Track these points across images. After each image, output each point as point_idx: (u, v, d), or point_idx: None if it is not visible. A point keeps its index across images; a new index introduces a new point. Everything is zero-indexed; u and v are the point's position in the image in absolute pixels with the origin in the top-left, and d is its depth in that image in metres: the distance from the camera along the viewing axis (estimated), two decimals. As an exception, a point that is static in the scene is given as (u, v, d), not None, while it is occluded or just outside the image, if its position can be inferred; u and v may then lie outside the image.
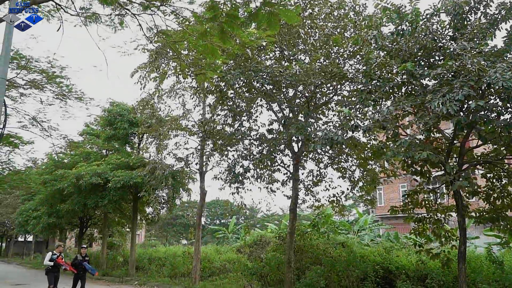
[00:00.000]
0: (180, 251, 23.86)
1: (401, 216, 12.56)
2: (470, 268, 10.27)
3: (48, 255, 13.02)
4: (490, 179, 10.44)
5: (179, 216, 61.23)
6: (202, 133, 15.64)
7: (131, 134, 24.99)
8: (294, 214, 14.73)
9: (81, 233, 31.52)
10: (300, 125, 12.11)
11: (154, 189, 19.98)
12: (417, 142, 9.03)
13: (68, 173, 22.25)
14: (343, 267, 12.36)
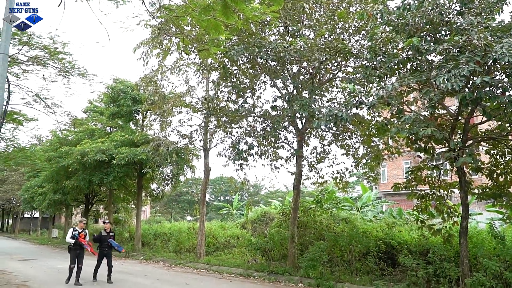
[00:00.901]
0: (185, 227, 24.14)
1: (404, 193, 12.63)
2: (472, 243, 10.37)
3: (70, 231, 12.01)
4: (493, 156, 10.44)
5: (183, 193, 61.73)
6: (205, 110, 15.63)
7: (135, 111, 24.98)
8: (297, 191, 14.85)
9: (87, 210, 31.95)
10: (304, 101, 12.06)
11: (158, 166, 20.12)
12: (421, 119, 9.00)
13: (72, 150, 22.40)
14: (346, 242, 12.49)
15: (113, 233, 12.88)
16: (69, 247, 11.93)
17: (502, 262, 9.25)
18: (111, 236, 12.58)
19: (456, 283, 9.65)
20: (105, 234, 12.50)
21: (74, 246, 11.72)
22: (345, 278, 11.82)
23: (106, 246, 12.37)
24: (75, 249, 11.78)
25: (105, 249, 12.41)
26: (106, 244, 12.34)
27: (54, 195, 28.87)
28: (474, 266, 9.75)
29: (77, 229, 11.97)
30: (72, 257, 11.79)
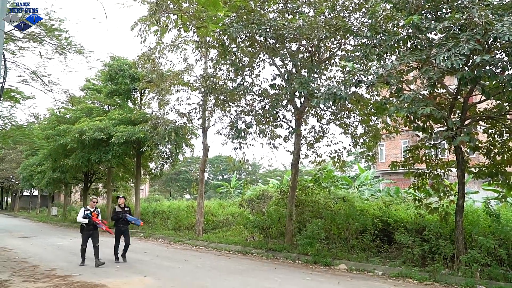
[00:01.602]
0: (183, 205, 24.31)
1: (402, 172, 12.73)
2: (467, 221, 10.50)
3: (81, 211, 11.35)
4: (491, 135, 10.49)
5: (182, 172, 61.96)
6: (204, 88, 15.55)
7: (133, 89, 24.85)
8: (296, 169, 14.92)
9: (86, 188, 32.10)
10: (303, 80, 12.00)
11: (156, 145, 20.14)
12: (420, 98, 8.99)
13: (70, 128, 22.37)
14: (343, 220, 12.64)
15: (128, 207, 12.26)
16: (81, 227, 11.33)
17: (497, 240, 9.39)
18: (127, 211, 12.01)
19: (451, 260, 9.81)
20: (119, 210, 11.90)
21: (87, 226, 11.15)
22: (341, 255, 12.00)
23: (123, 222, 11.81)
24: (88, 230, 11.21)
25: (122, 226, 11.84)
26: (122, 220, 11.78)
27: (53, 173, 28.96)
28: (469, 243, 9.89)
29: (88, 208, 11.40)
30: (84, 238, 11.22)
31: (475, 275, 8.94)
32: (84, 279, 9.27)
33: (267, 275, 10.10)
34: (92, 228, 11.22)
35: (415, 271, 9.75)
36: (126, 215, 11.83)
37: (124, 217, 11.80)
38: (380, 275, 10.14)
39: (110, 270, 10.57)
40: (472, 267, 9.06)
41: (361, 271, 10.64)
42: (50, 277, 9.54)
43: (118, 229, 11.82)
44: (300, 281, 9.24)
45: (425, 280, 9.22)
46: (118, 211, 11.84)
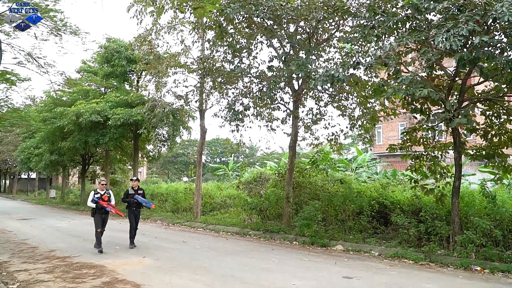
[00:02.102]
0: (181, 188, 24.40)
1: (399, 154, 12.75)
2: (463, 202, 10.58)
3: (91, 195, 10.87)
4: (489, 117, 10.49)
5: (180, 154, 62.06)
6: (201, 70, 15.44)
7: (129, 71, 24.69)
8: (293, 152, 14.94)
9: (83, 170, 32.13)
10: (301, 62, 11.92)
11: (154, 127, 20.09)
12: (418, 79, 8.96)
13: (67, 110, 22.29)
14: (340, 202, 12.72)
15: (141, 190, 11.65)
16: (92, 211, 10.74)
17: (492, 221, 9.47)
18: (140, 194, 11.48)
19: (447, 240, 9.92)
20: (132, 192, 11.39)
21: (99, 210, 10.63)
22: (338, 236, 12.11)
23: (135, 205, 11.33)
24: (100, 213, 10.67)
25: (134, 209, 11.38)
26: (133, 202, 11.29)
27: (50, 156, 28.95)
28: (465, 224, 9.99)
29: (98, 191, 10.82)
30: (97, 221, 10.62)
31: (470, 255, 9.05)
32: (83, 260, 9.35)
33: (264, 256, 10.20)
34: (104, 212, 10.73)
35: (410, 252, 9.87)
36: (137, 197, 11.26)
37: (134, 199, 11.24)
38: (376, 255, 10.26)
39: (109, 251, 10.66)
40: (467, 247, 9.17)
41: (358, 251, 10.76)
42: (50, 258, 9.62)
43: (131, 212, 11.36)
44: (297, 262, 9.35)
45: (421, 260, 9.34)
46: (131, 193, 11.37)
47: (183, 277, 7.73)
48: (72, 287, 6.85)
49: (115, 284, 7.06)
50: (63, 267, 8.52)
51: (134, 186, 11.51)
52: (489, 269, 8.38)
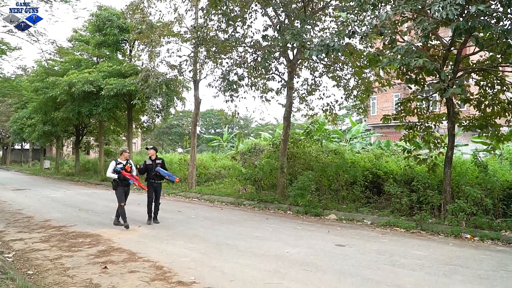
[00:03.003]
0: (176, 158, 24.44)
1: (393, 125, 12.78)
2: (456, 172, 10.70)
3: (111, 164, 9.76)
4: (482, 87, 10.48)
5: (174, 125, 61.89)
6: (195, 40, 15.18)
7: (122, 40, 24.27)
8: (288, 122, 14.93)
9: (77, 141, 32.03)
10: (296, 31, 11.74)
11: (148, 98, 19.92)
12: (413, 49, 8.87)
13: (59, 80, 22.01)
14: (334, 172, 12.82)
15: (160, 160, 10.42)
16: (114, 183, 9.76)
17: (483, 190, 9.61)
18: (159, 164, 10.24)
19: (438, 209, 10.08)
20: (150, 163, 10.22)
21: (121, 182, 9.68)
22: (332, 205, 12.27)
23: (154, 177, 10.20)
24: (123, 185, 9.75)
25: (154, 181, 10.25)
26: (153, 174, 10.17)
27: (43, 127, 28.78)
28: (456, 194, 10.13)
29: (120, 161, 9.78)
30: (120, 194, 9.71)
31: (461, 223, 9.22)
32: (78, 229, 9.43)
33: (258, 225, 10.34)
34: (127, 184, 9.80)
35: (402, 220, 10.03)
36: (159, 169, 10.13)
37: (155, 171, 10.12)
38: (368, 224, 10.43)
39: (104, 220, 10.75)
40: (458, 216, 9.33)
41: (351, 220, 10.93)
42: (45, 227, 9.69)
43: (150, 184, 10.26)
44: (291, 231, 9.48)
45: (412, 228, 9.52)
46: (149, 163, 10.20)
47: (178, 245, 7.84)
48: (68, 256, 6.92)
49: (110, 253, 7.15)
50: (58, 236, 8.59)
51: (152, 156, 10.28)
52: (479, 237, 8.56)
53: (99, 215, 11.73)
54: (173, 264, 6.39)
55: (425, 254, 7.12)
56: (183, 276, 5.71)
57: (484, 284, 5.43)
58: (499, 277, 5.75)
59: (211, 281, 5.50)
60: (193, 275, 5.77)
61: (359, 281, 5.54)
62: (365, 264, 6.39)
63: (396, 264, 6.41)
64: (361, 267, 6.22)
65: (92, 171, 29.64)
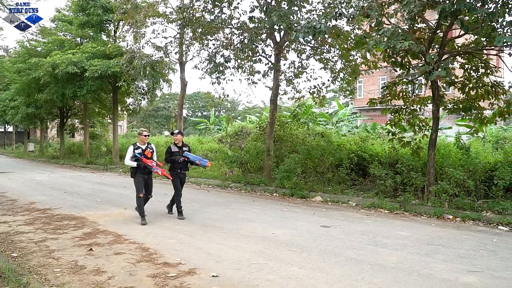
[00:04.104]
0: (162, 141, 24.35)
1: (379, 108, 12.86)
2: (439, 154, 10.86)
3: (129, 150, 8.32)
4: (467, 70, 10.58)
5: (160, 108, 61.44)
6: (180, 21, 14.95)
7: (106, 21, 23.79)
8: (274, 105, 14.91)
9: (62, 124, 31.62)
10: (283, 12, 11.64)
11: (133, 80, 19.68)
12: (400, 32, 8.88)
13: (42, 61, 21.58)
14: (320, 154, 12.90)
15: (187, 147, 9.17)
16: (132, 171, 8.35)
17: (466, 172, 9.78)
18: (186, 151, 9.01)
19: (422, 191, 10.24)
20: (176, 150, 8.88)
21: (140, 169, 8.22)
22: (317, 188, 12.38)
23: (181, 165, 8.85)
24: (143, 173, 8.29)
25: (181, 170, 8.90)
26: (183, 162, 8.84)
27: (26, 109, 28.33)
28: (440, 175, 10.28)
29: (138, 145, 8.37)
30: (139, 183, 8.28)
31: (444, 204, 9.39)
32: (64, 212, 9.38)
33: (245, 207, 10.40)
34: (147, 172, 8.37)
35: (386, 202, 10.18)
36: (187, 153, 8.88)
37: (183, 157, 8.79)
38: (353, 206, 10.56)
39: (90, 203, 10.71)
40: (441, 197, 9.50)
41: (336, 202, 11.06)
42: (30, 210, 9.62)
43: (175, 174, 8.85)
44: (277, 212, 9.57)
45: (396, 209, 9.67)
46: (175, 150, 8.87)
47: (164, 227, 7.86)
48: (53, 238, 6.89)
49: (96, 235, 7.14)
50: (43, 219, 8.54)
51: (178, 142, 8.98)
52: (460, 218, 8.73)
53: (84, 198, 11.66)
54: (159, 245, 6.41)
55: (407, 235, 7.26)
56: (169, 258, 5.73)
57: (465, 263, 5.57)
58: (479, 256, 5.89)
59: (197, 262, 5.54)
60: (179, 256, 5.80)
61: (343, 260, 5.64)
62: (349, 245, 6.50)
63: (379, 244, 6.53)
64: (345, 248, 6.32)
65: (78, 154, 29.38)
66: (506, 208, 8.72)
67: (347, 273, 5.10)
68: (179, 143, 9.00)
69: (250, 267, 5.32)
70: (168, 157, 8.90)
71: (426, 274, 5.05)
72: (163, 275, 5.00)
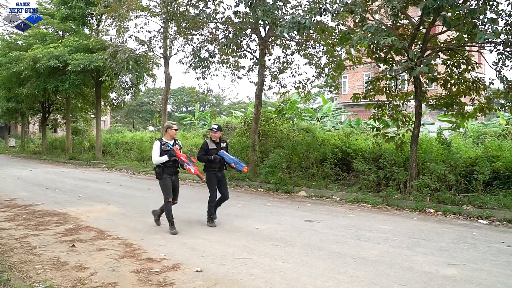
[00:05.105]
0: (147, 137, 24.18)
1: (363, 104, 12.96)
2: (421, 149, 11.01)
3: (156, 146, 7.04)
4: (449, 66, 10.72)
5: (145, 103, 60.88)
6: (164, 15, 14.79)
7: (89, 14, 23.42)
8: (259, 100, 14.90)
9: (44, 119, 31.13)
10: (268, 7, 11.62)
11: (116, 74, 19.44)
12: (383, 28, 8.96)
13: (23, 55, 21.19)
14: (304, 150, 12.96)
15: (225, 143, 7.90)
16: (158, 170, 7.08)
17: (447, 166, 9.93)
18: (224, 148, 7.75)
19: (404, 185, 10.37)
20: (213, 147, 7.59)
21: (167, 168, 7.06)
22: (302, 182, 12.44)
23: (218, 164, 7.58)
24: (170, 173, 7.10)
25: (218, 170, 7.60)
26: (220, 162, 7.55)
27: (7, 103, 27.81)
28: (422, 170, 10.42)
29: (165, 140, 7.18)
30: (167, 186, 7.07)
31: (425, 199, 9.53)
32: (46, 208, 9.26)
33: (229, 202, 10.28)
34: (175, 171, 7.24)
35: (369, 196, 10.29)
36: (222, 152, 7.60)
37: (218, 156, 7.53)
38: (337, 200, 10.65)
39: (72, 199, 10.59)
40: (423, 191, 9.64)
41: (320, 197, 11.13)
42: (10, 206, 9.47)
43: (212, 175, 7.60)
44: (262, 207, 9.60)
45: (379, 204, 9.79)
46: (212, 148, 7.57)
47: (148, 222, 7.82)
48: (34, 234, 6.80)
49: (79, 231, 7.07)
50: (25, 215, 8.42)
51: (215, 138, 7.69)
52: (442, 211, 8.88)
53: (67, 194, 11.53)
54: (142, 241, 6.38)
55: (390, 228, 7.36)
56: (153, 253, 5.71)
57: (445, 255, 5.67)
58: (459, 249, 6.01)
59: (181, 257, 5.53)
60: (163, 252, 5.78)
61: (326, 254, 5.69)
62: (332, 239, 6.56)
63: (362, 238, 6.60)
64: (329, 242, 6.38)
65: (60, 149, 28.97)
66: (486, 202, 8.89)
67: (330, 266, 5.16)
68: (217, 139, 7.70)
69: (234, 262, 5.33)
70: (202, 154, 7.51)
71: (407, 267, 5.13)
72: (147, 270, 4.98)
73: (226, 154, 7.61)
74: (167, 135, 7.25)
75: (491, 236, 6.91)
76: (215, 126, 7.73)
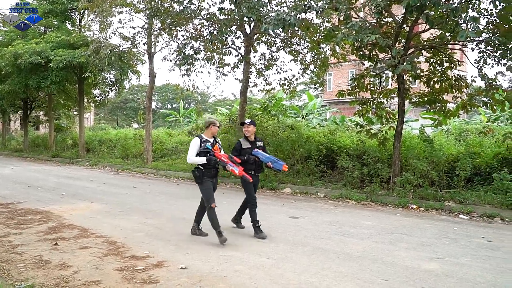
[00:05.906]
0: (131, 134, 23.97)
1: (348, 101, 13.05)
2: (405, 146, 11.15)
3: (194, 144, 6.18)
4: (432, 64, 10.87)
5: (129, 100, 60.29)
6: (148, 11, 14.68)
7: (71, 9, 23.10)
8: (244, 97, 14.90)
9: (25, 116, 30.60)
10: (253, 4, 11.60)
11: (100, 70, 19.20)
12: (367, 26, 9.04)
13: (4, 51, 20.80)
14: (289, 146, 13.01)
15: (261, 141, 7.02)
16: (196, 172, 6.28)
17: (430, 163, 10.08)
18: (260, 147, 6.85)
19: (387, 182, 10.50)
20: (248, 146, 6.72)
21: (208, 169, 6.23)
22: (287, 179, 12.48)
23: (254, 165, 6.67)
24: (211, 177, 6.34)
25: (254, 172, 6.67)
26: (252, 161, 6.61)
27: (-13, 100, 27.24)
28: (405, 167, 10.56)
29: (205, 138, 6.27)
30: (208, 190, 6.34)
31: (408, 195, 9.66)
32: (28, 206, 9.11)
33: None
34: (215, 173, 6.42)
35: (354, 193, 10.39)
36: (257, 152, 6.69)
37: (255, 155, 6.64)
38: (322, 197, 10.72)
39: (55, 197, 10.44)
40: (405, 188, 9.77)
41: (305, 194, 11.19)
42: (-9, 205, 9.30)
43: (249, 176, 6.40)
44: (247, 204, 9.58)
45: (363, 200, 9.88)
46: (246, 147, 6.72)
47: (133, 220, 7.76)
48: (16, 233, 6.69)
49: (61, 229, 6.98)
50: (6, 214, 8.27)
51: (250, 135, 6.79)
52: (424, 207, 9.01)
53: (49, 192, 11.36)
54: (126, 239, 6.33)
55: (373, 224, 7.44)
56: (137, 251, 5.67)
57: (427, 250, 5.76)
58: (440, 244, 6.11)
59: (166, 254, 5.51)
60: (147, 249, 5.75)
61: (310, 250, 5.73)
62: (316, 235, 6.60)
63: (346, 234, 6.66)
64: (313, 238, 6.42)
65: (42, 147, 28.52)
66: (467, 198, 9.06)
67: (314, 262, 5.19)
68: (252, 136, 6.81)
69: (218, 259, 5.33)
70: (235, 154, 6.60)
71: (389, 262, 5.20)
72: (131, 268, 4.95)
73: (260, 153, 6.69)
74: (208, 132, 6.33)
75: (472, 231, 7.05)
76: (248, 120, 6.86)
